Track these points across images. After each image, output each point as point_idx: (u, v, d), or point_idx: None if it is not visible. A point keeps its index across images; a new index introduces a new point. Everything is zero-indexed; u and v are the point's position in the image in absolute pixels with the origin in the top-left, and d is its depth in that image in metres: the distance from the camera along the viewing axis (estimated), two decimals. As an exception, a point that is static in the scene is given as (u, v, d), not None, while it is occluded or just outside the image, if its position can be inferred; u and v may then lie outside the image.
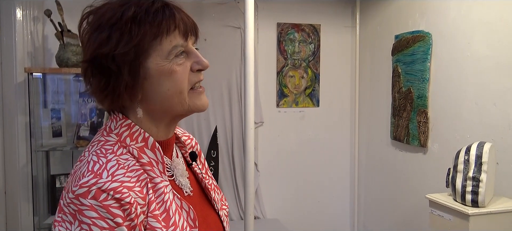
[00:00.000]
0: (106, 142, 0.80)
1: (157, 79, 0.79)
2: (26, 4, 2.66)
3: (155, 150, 0.81)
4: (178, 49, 0.80)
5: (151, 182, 0.78)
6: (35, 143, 2.64)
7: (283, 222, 3.32)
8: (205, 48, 3.12)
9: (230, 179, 3.26)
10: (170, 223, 0.77)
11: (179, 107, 0.82)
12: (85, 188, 0.70)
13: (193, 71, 0.83)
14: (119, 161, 0.76)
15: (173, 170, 0.87)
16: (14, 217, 2.65)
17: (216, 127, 3.18)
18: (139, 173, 0.77)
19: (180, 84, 0.80)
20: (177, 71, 0.80)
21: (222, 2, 3.17)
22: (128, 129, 0.81)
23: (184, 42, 0.81)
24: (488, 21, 2.16)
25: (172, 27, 0.79)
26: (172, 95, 0.80)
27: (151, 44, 0.78)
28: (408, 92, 2.73)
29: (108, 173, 0.73)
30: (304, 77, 3.39)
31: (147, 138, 0.81)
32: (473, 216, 1.82)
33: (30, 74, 2.60)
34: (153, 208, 0.75)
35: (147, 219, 0.74)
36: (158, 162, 0.81)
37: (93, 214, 0.69)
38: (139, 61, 0.78)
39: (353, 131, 3.50)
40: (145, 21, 0.77)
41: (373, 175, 3.31)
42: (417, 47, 2.63)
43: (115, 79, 0.78)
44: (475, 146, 1.91)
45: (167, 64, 0.79)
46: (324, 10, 3.40)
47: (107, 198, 0.70)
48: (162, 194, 0.78)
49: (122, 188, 0.71)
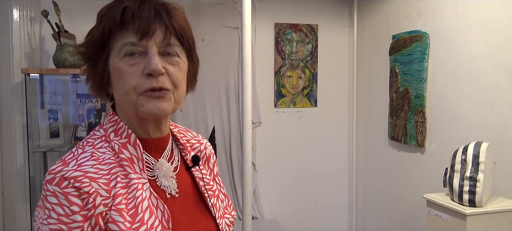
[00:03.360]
0: (92, 135, 0.84)
1: (113, 76, 0.82)
2: (23, 4, 2.66)
3: (136, 146, 0.83)
4: (128, 49, 0.78)
5: (126, 178, 0.79)
6: (33, 144, 2.64)
7: (281, 222, 3.32)
8: (202, 48, 3.12)
9: (228, 179, 3.26)
10: (137, 219, 0.76)
11: (129, 108, 0.82)
12: (52, 174, 0.74)
13: (144, 75, 0.78)
14: (94, 153, 0.79)
15: (155, 170, 0.86)
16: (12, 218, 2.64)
17: (213, 127, 3.18)
18: (112, 166, 0.78)
19: (126, 84, 0.79)
20: (124, 71, 0.78)
21: (220, 2, 3.17)
22: (115, 124, 0.84)
23: (138, 41, 0.78)
24: (485, 21, 2.17)
25: (128, 25, 0.78)
26: (122, 95, 0.81)
27: (109, 42, 0.81)
28: (406, 92, 2.73)
29: (76, 163, 0.76)
30: (301, 77, 3.39)
31: (130, 134, 0.83)
32: (471, 216, 1.83)
33: (27, 75, 2.60)
34: (119, 202, 0.75)
35: (110, 212, 0.75)
36: (138, 159, 0.82)
37: (54, 200, 0.72)
38: (105, 57, 0.82)
39: (350, 130, 3.50)
40: (108, 17, 0.80)
41: (371, 175, 3.31)
42: (415, 47, 2.64)
43: (94, 73, 0.84)
44: (472, 146, 1.91)
45: (117, 62, 0.79)
46: (321, 10, 3.40)
47: (68, 185, 0.73)
48: (135, 190, 0.78)
49: (83, 178, 0.74)
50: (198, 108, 3.16)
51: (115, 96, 0.84)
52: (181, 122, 3.12)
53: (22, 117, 2.63)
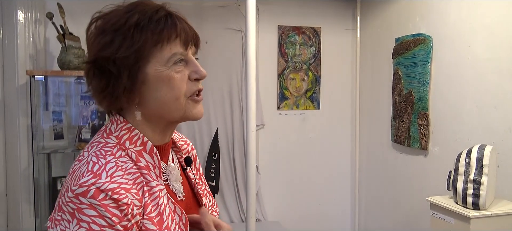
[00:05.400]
0: (106, 143, 0.82)
1: (155, 84, 0.82)
2: (28, 6, 2.67)
3: (153, 154, 0.84)
4: (177, 57, 0.83)
5: (147, 186, 0.80)
6: (37, 145, 2.65)
7: (283, 225, 3.32)
8: (206, 51, 3.13)
9: (231, 181, 3.26)
10: (163, 226, 0.79)
11: (175, 113, 0.84)
12: (84, 187, 0.73)
13: (191, 80, 0.85)
14: (117, 163, 0.78)
15: (168, 174, 0.88)
16: (16, 219, 2.65)
17: (217, 129, 3.18)
18: (136, 175, 0.79)
19: (177, 91, 0.83)
20: (175, 78, 0.82)
21: (223, 4, 3.18)
22: (128, 132, 0.84)
23: (184, 51, 0.84)
24: (488, 24, 2.17)
25: (173, 35, 0.82)
26: (169, 101, 0.83)
27: (152, 51, 0.81)
28: (409, 95, 2.73)
29: (107, 174, 0.75)
30: (304, 80, 3.40)
31: (146, 142, 0.84)
32: (474, 219, 1.83)
33: (32, 77, 2.61)
34: (149, 211, 0.78)
35: (142, 221, 0.77)
36: (155, 166, 0.83)
37: (92, 212, 0.72)
38: (138, 66, 0.80)
39: (353, 133, 3.50)
40: (148, 28, 0.80)
41: (374, 177, 3.31)
42: (418, 50, 2.64)
43: (114, 82, 0.80)
44: (476, 149, 1.91)
45: (166, 70, 0.82)
46: (325, 13, 3.40)
47: (105, 197, 0.72)
48: (157, 198, 0.80)
49: (120, 189, 0.74)
50: (201, 111, 3.17)
51: (151, 103, 0.83)
52: (184, 124, 3.12)
53: (26, 118, 2.64)
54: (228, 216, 3.25)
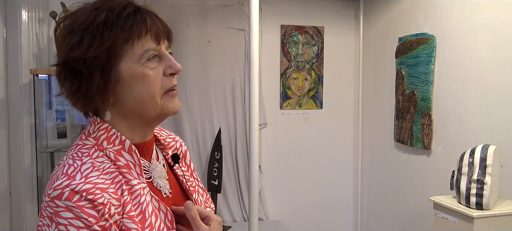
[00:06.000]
0: (83, 145, 0.82)
1: (129, 82, 0.81)
2: (32, 6, 2.68)
3: (132, 152, 0.83)
4: (150, 53, 0.81)
5: (127, 184, 0.79)
6: (40, 144, 2.66)
7: (286, 224, 3.32)
8: (209, 50, 3.13)
9: (234, 180, 3.27)
10: (146, 224, 0.78)
11: (151, 111, 0.83)
12: (59, 190, 0.72)
13: (166, 76, 0.83)
14: (94, 163, 0.78)
15: (151, 172, 0.87)
16: (19, 218, 2.66)
17: (219, 128, 3.18)
18: (114, 175, 0.78)
19: (152, 88, 0.82)
20: (149, 75, 0.81)
21: (226, 4, 3.18)
22: (106, 132, 0.83)
23: (156, 46, 0.82)
24: (492, 24, 2.16)
25: (143, 31, 0.80)
26: (144, 99, 0.82)
27: (123, 48, 0.79)
28: (412, 94, 2.73)
29: (82, 175, 0.75)
30: (307, 79, 3.40)
31: (124, 140, 0.83)
32: (478, 219, 1.82)
33: (35, 76, 2.62)
34: (129, 209, 0.77)
35: (122, 220, 0.76)
36: (135, 164, 0.82)
37: (68, 214, 0.71)
38: (110, 65, 0.79)
39: (356, 133, 3.50)
40: (117, 25, 0.78)
41: (377, 177, 3.31)
42: (421, 50, 2.64)
43: (86, 83, 0.79)
44: (479, 149, 1.91)
45: (139, 68, 0.80)
46: (327, 12, 3.40)
47: (80, 199, 0.72)
48: (138, 196, 0.79)
49: (95, 189, 0.73)
50: (204, 110, 3.17)
51: (126, 102, 0.82)
52: (187, 123, 3.13)
53: (30, 117, 2.65)
54: (231, 215, 3.26)
